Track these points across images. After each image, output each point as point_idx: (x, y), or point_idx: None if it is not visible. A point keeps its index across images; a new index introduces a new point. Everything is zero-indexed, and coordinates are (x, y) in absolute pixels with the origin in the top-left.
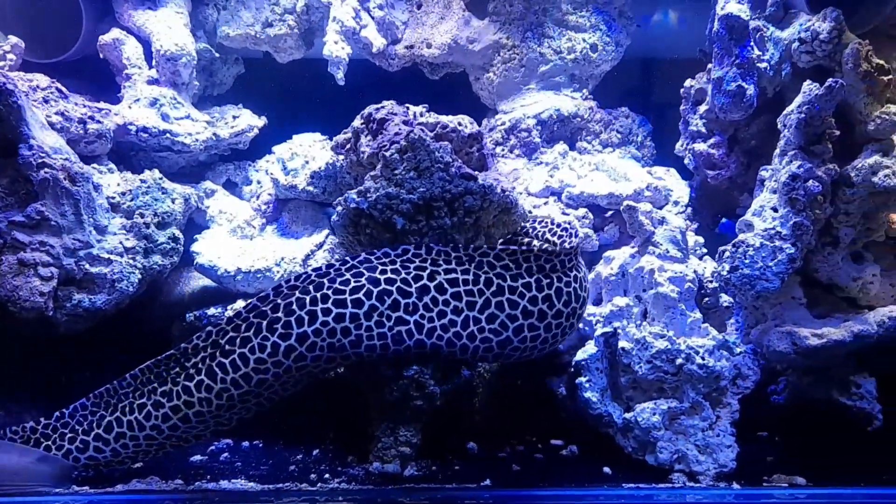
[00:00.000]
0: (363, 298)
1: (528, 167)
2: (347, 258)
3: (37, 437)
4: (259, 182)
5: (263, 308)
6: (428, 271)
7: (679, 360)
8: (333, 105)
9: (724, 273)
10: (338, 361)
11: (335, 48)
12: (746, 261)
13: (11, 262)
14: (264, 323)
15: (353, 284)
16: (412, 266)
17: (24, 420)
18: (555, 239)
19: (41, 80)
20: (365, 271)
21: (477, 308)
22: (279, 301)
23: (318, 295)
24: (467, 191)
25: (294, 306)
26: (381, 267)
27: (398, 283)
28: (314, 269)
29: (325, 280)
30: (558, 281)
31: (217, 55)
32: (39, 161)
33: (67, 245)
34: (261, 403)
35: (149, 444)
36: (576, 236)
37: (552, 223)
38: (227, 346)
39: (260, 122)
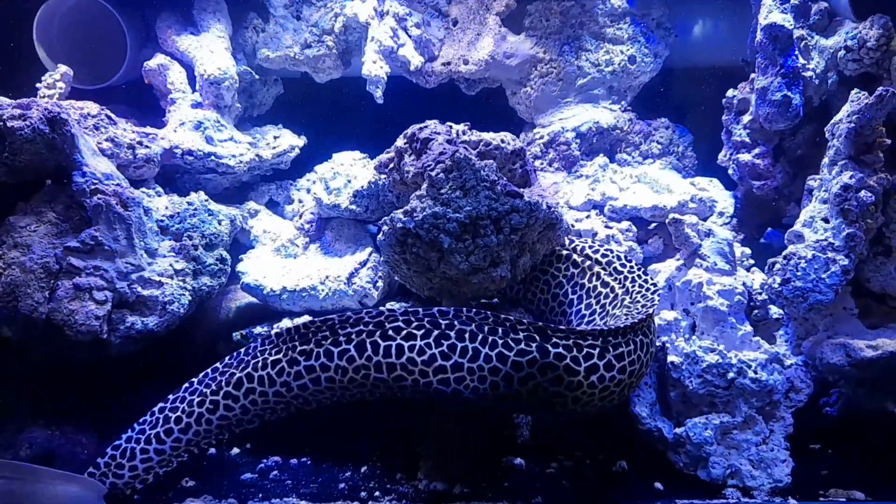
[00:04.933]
0: (520, 361)
1: (568, 180)
2: (517, 317)
3: (165, 414)
4: (301, 201)
5: (440, 320)
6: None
7: (731, 375)
8: (370, 123)
9: (776, 286)
10: (462, 400)
11: (374, 67)
12: (799, 273)
13: (67, 287)
14: (435, 332)
15: (521, 346)
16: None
17: (79, 441)
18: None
19: (91, 107)
20: (522, 342)
21: (581, 388)
22: (455, 322)
23: (490, 339)
24: (513, 209)
25: (466, 335)
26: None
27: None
28: (493, 314)
29: (499, 328)
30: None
31: (257, 77)
32: (92, 187)
33: (120, 269)
34: (381, 394)
35: (276, 402)
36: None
37: (636, 272)
38: (390, 332)
39: (300, 141)
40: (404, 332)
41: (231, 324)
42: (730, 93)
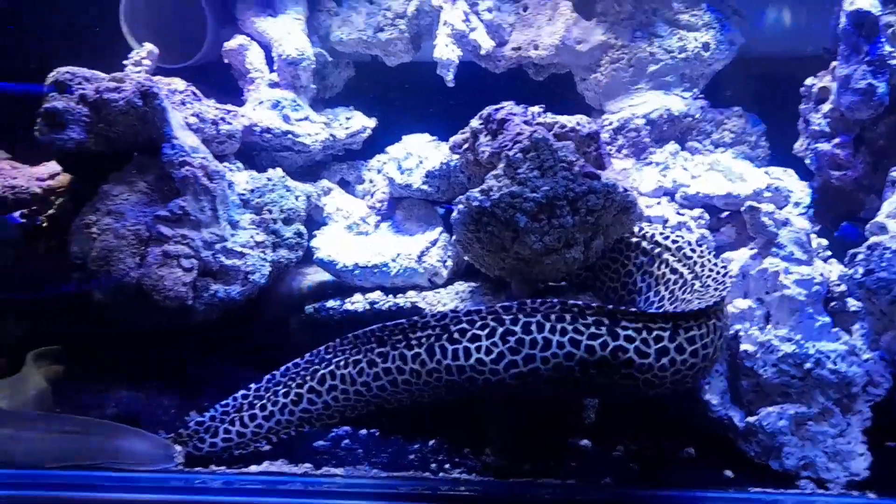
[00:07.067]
0: (593, 345)
1: (637, 167)
2: (584, 302)
3: (250, 401)
4: (371, 181)
5: (503, 316)
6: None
7: (808, 365)
8: (439, 107)
9: (858, 276)
10: (539, 389)
11: (446, 51)
12: (883, 264)
13: (157, 254)
14: (500, 330)
15: (592, 330)
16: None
17: (163, 404)
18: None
19: (178, 83)
20: (592, 325)
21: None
22: (519, 316)
23: (559, 326)
24: (591, 190)
25: (533, 327)
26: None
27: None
28: (559, 301)
29: (566, 315)
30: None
31: (330, 59)
32: (181, 160)
33: (205, 238)
34: (456, 395)
35: (357, 400)
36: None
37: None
38: (455, 335)
39: (372, 123)
40: (469, 333)
41: (303, 297)
42: (809, 81)
